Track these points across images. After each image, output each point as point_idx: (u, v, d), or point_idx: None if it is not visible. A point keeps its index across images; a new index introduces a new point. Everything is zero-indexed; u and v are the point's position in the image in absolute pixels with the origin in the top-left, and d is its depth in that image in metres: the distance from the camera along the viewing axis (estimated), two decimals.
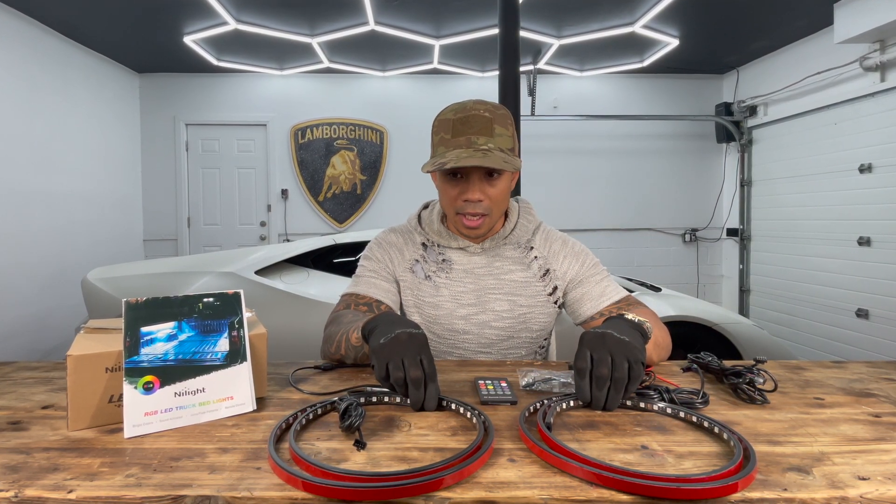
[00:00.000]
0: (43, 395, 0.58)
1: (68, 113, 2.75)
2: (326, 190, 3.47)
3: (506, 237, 0.78)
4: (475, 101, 0.70)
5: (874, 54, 2.38)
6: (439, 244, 0.78)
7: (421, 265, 0.78)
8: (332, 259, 1.87)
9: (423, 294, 0.77)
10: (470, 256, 0.77)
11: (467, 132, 0.67)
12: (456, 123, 0.67)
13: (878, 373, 0.66)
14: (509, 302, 0.76)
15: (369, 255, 0.81)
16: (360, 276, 0.79)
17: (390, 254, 0.80)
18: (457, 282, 0.76)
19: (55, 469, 0.40)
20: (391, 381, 0.49)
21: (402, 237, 0.81)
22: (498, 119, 0.68)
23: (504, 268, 0.77)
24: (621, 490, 0.36)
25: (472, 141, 0.66)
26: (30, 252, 2.45)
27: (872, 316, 2.40)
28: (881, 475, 0.39)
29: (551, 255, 0.79)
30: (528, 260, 0.78)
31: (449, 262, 0.77)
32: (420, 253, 0.79)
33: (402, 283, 0.79)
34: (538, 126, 3.40)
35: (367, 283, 0.77)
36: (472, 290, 0.76)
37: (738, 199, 3.35)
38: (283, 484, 0.38)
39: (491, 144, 0.66)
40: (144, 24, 2.59)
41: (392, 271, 0.79)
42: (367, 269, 0.79)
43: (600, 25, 2.65)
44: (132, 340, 0.48)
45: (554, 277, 0.78)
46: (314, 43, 2.83)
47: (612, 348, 0.49)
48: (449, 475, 0.37)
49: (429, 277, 0.77)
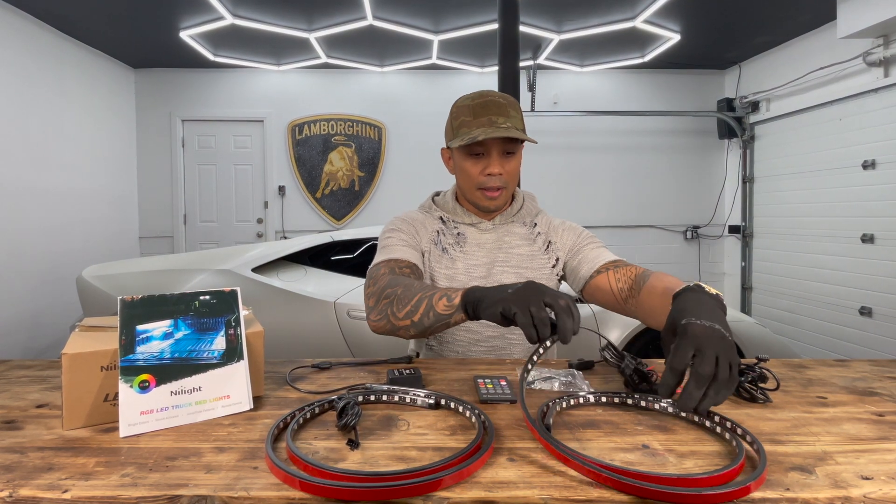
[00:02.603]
0: (37, 393, 0.57)
1: (63, 109, 2.73)
2: (324, 186, 3.45)
3: (514, 215, 0.85)
4: (488, 90, 0.79)
5: (878, 49, 2.36)
6: (454, 220, 0.84)
7: (441, 237, 0.83)
8: (330, 256, 1.86)
9: (440, 266, 0.81)
10: (482, 233, 0.83)
11: (487, 114, 0.75)
12: (476, 107, 0.76)
13: (882, 371, 0.66)
14: (516, 275, 0.81)
15: (396, 228, 0.82)
16: (390, 246, 0.79)
17: (415, 227, 0.84)
18: (470, 255, 0.82)
19: (50, 469, 0.40)
20: (536, 321, 0.47)
21: (422, 214, 0.87)
22: (511, 104, 0.77)
23: (512, 242, 0.83)
24: (642, 497, 0.35)
25: (492, 121, 0.74)
26: (24, 249, 2.44)
27: (876, 314, 2.39)
28: (885, 475, 0.39)
29: (551, 230, 0.86)
30: (532, 236, 0.85)
31: (463, 235, 0.83)
32: (440, 226, 0.84)
33: (426, 255, 0.82)
34: (538, 122, 3.39)
35: (401, 250, 0.78)
36: (483, 264, 0.81)
37: (740, 195, 3.34)
38: (280, 483, 0.37)
39: (509, 123, 0.75)
40: (140, 18, 2.57)
41: (419, 242, 0.82)
42: (397, 240, 0.80)
43: (601, 20, 2.62)
44: (128, 339, 0.48)
45: (555, 249, 0.84)
46: (312, 38, 2.80)
47: (719, 348, 0.42)
48: (448, 475, 0.37)
49: (445, 250, 0.82)
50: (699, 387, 0.41)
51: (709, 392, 0.41)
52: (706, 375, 0.41)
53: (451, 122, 0.79)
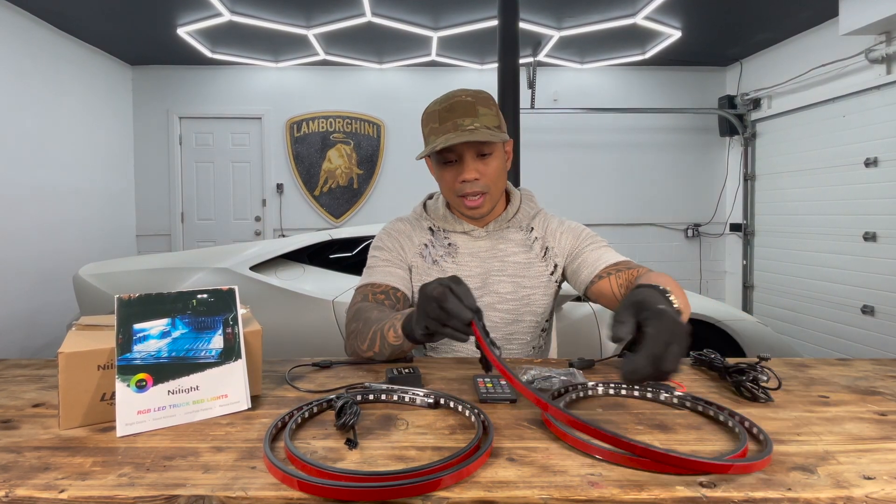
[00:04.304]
0: (34, 393, 0.57)
1: (59, 106, 2.72)
2: (322, 184, 3.44)
3: (509, 220, 0.81)
4: (457, 89, 0.74)
5: (880, 46, 2.35)
6: (445, 229, 0.81)
7: (429, 249, 0.80)
8: (329, 255, 1.86)
9: (431, 279, 0.78)
10: (475, 241, 0.80)
11: (453, 117, 0.70)
12: (441, 112, 0.71)
13: (884, 370, 0.66)
14: (513, 283, 0.78)
15: (380, 245, 0.82)
16: (373, 267, 0.80)
17: (400, 241, 0.82)
18: (462, 266, 0.78)
19: (46, 468, 0.40)
20: (451, 313, 0.48)
21: (410, 224, 0.84)
22: (480, 101, 0.72)
23: (508, 250, 0.79)
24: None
25: (458, 124, 0.70)
26: (20, 248, 2.43)
27: (878, 312, 2.39)
28: (887, 474, 0.38)
29: (549, 233, 0.82)
30: (529, 241, 0.81)
31: (455, 245, 0.79)
32: (428, 237, 0.81)
33: (414, 269, 0.80)
34: (538, 119, 3.37)
35: (382, 272, 0.79)
36: (477, 274, 0.78)
37: (741, 193, 3.34)
38: (278, 483, 0.37)
39: (477, 124, 0.70)
40: (137, 15, 2.55)
41: (404, 258, 0.81)
42: (380, 259, 0.80)
43: (601, 17, 2.61)
44: (125, 337, 0.47)
45: (553, 255, 0.80)
46: (310, 35, 2.79)
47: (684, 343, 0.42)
48: (448, 475, 0.36)
49: (436, 262, 0.79)
50: (652, 363, 0.41)
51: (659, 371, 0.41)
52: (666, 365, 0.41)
53: (423, 130, 0.75)
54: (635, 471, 0.39)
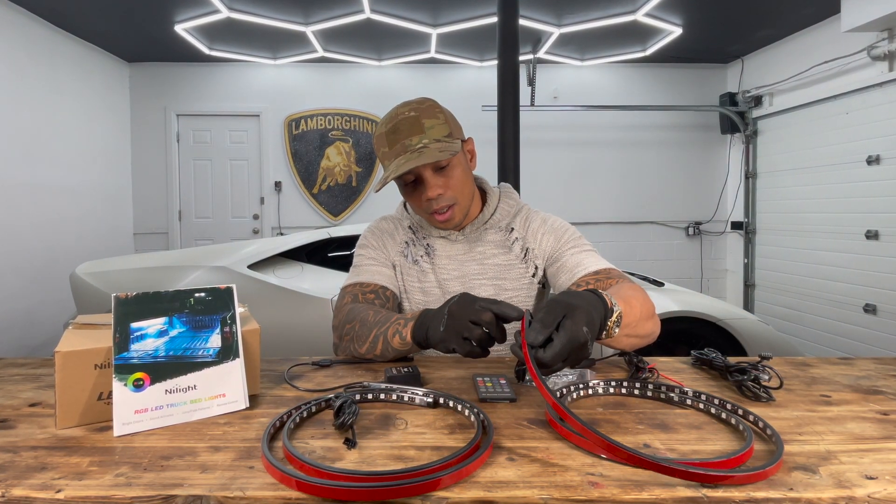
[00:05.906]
0: (30, 392, 0.57)
1: (56, 103, 2.70)
2: (321, 182, 3.43)
3: (486, 222, 0.78)
4: (400, 105, 0.72)
5: (882, 43, 2.34)
6: (422, 230, 0.81)
7: (410, 248, 0.80)
8: (327, 253, 1.85)
9: (411, 279, 0.79)
10: (452, 244, 0.78)
11: (399, 139, 0.69)
12: (388, 135, 0.70)
13: (887, 369, 0.65)
14: (494, 286, 0.77)
15: (365, 244, 0.82)
16: (359, 266, 0.80)
17: (383, 240, 0.82)
18: (441, 268, 0.78)
19: (43, 468, 0.39)
20: (475, 345, 0.51)
21: (392, 223, 0.83)
22: (424, 113, 0.70)
23: (486, 252, 0.78)
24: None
25: (406, 146, 0.68)
26: (16, 246, 2.42)
27: (880, 311, 2.38)
28: (889, 474, 0.38)
29: (530, 234, 0.78)
30: (509, 242, 0.78)
31: (433, 248, 0.79)
32: (409, 236, 0.81)
33: (398, 268, 0.80)
34: (538, 117, 3.36)
35: (369, 270, 0.78)
36: (456, 277, 0.77)
37: (742, 191, 3.33)
38: (276, 483, 0.37)
39: (425, 140, 0.68)
40: (134, 11, 2.54)
41: (389, 256, 0.80)
42: (366, 258, 0.80)
43: (601, 13, 2.60)
44: (122, 336, 0.47)
45: (533, 257, 0.77)
46: (308, 31, 2.77)
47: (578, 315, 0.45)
48: (447, 475, 0.36)
49: (416, 262, 0.79)
50: (544, 328, 0.44)
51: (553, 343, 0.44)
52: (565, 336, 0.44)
53: (377, 154, 0.74)
54: (636, 470, 0.38)
